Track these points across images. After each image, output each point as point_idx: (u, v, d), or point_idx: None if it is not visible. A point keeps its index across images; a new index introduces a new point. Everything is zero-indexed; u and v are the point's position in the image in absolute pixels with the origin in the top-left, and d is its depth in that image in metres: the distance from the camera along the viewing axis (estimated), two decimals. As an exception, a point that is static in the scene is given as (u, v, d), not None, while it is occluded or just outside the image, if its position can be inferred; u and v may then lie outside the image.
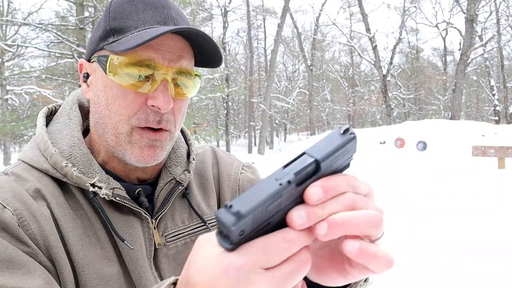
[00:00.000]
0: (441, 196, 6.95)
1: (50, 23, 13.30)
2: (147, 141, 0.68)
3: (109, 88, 0.68)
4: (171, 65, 0.67)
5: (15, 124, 12.64)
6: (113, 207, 0.70)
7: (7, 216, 0.60)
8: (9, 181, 0.66)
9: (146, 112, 0.67)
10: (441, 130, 15.41)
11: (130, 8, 0.69)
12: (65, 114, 0.76)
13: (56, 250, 0.63)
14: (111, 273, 0.66)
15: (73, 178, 0.68)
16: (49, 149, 0.69)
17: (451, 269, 3.94)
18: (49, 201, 0.66)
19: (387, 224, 1.37)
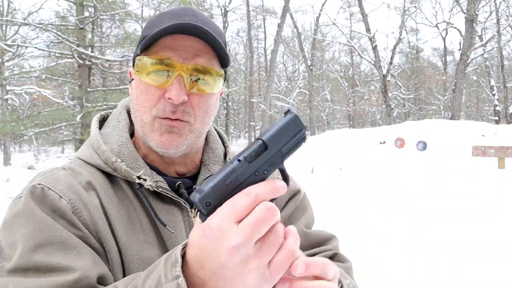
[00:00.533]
0: (441, 196, 6.95)
1: (50, 23, 13.30)
2: (166, 127, 0.77)
3: (138, 85, 0.80)
4: (186, 62, 0.76)
5: (15, 124, 12.63)
6: (156, 197, 0.80)
7: (63, 205, 0.71)
8: (65, 175, 0.77)
9: (164, 104, 0.77)
10: (441, 130, 15.41)
11: (159, 19, 0.81)
12: (114, 118, 0.89)
13: (104, 234, 0.73)
14: (151, 256, 0.75)
15: (122, 172, 0.78)
16: (101, 147, 0.81)
17: (451, 269, 3.94)
18: (99, 192, 0.77)
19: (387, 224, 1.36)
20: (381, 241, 4.86)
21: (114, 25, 15.29)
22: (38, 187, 0.73)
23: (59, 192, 0.72)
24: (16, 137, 18.10)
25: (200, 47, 0.77)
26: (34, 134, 13.74)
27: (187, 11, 0.80)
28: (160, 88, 0.77)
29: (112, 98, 12.70)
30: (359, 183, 8.98)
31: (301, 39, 30.49)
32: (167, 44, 0.76)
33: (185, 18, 0.78)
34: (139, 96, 0.79)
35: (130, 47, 13.90)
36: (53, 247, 0.66)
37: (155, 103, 0.77)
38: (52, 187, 0.73)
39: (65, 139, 16.89)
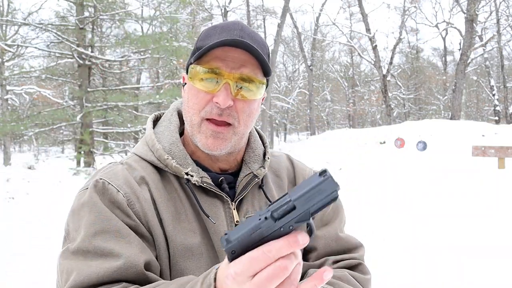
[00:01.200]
0: (441, 196, 6.95)
1: (50, 23, 13.29)
2: (211, 132, 0.87)
3: (189, 89, 0.90)
4: (233, 72, 0.85)
5: (15, 124, 12.62)
6: (201, 191, 0.91)
7: (120, 198, 0.84)
8: (122, 170, 0.90)
9: (211, 107, 0.86)
10: (441, 130, 15.41)
11: (212, 31, 0.90)
12: (166, 119, 1.00)
13: (153, 223, 0.85)
14: (193, 243, 0.86)
15: (172, 168, 0.90)
16: (155, 145, 0.92)
17: (451, 269, 3.94)
18: (150, 186, 0.88)
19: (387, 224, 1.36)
20: (381, 241, 4.86)
21: (114, 25, 15.30)
22: (100, 182, 0.86)
23: (117, 187, 0.85)
24: (16, 137, 18.09)
25: (246, 58, 0.86)
26: (34, 134, 13.73)
27: (236, 25, 0.89)
28: (209, 93, 0.86)
29: (112, 98, 12.68)
30: (359, 183, 8.98)
31: (301, 39, 30.48)
32: (218, 55, 0.86)
33: (234, 33, 0.86)
34: (190, 99, 0.89)
35: (130, 47, 13.88)
36: (109, 235, 0.79)
37: (203, 106, 0.87)
38: (111, 181, 0.86)
39: (65, 139, 16.88)
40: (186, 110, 0.92)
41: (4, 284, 4.01)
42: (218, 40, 0.84)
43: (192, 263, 0.86)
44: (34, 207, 7.92)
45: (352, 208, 6.58)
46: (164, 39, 13.27)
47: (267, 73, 0.91)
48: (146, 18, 15.21)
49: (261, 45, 0.91)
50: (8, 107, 18.66)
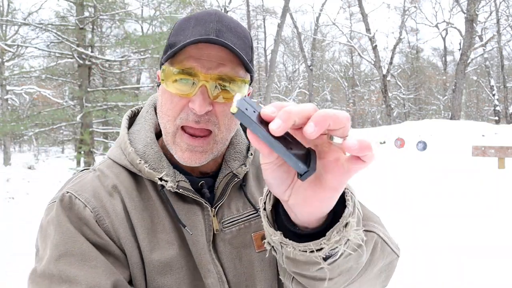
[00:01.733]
0: (441, 196, 6.95)
1: (50, 23, 13.28)
2: (186, 145, 0.79)
3: (163, 93, 0.81)
4: (209, 72, 0.76)
5: (15, 124, 12.61)
6: (179, 197, 0.83)
7: (87, 214, 0.77)
8: (93, 180, 0.82)
9: (187, 113, 0.78)
10: (441, 130, 15.40)
11: (185, 24, 0.81)
12: (142, 117, 0.91)
13: (125, 240, 0.78)
14: (172, 255, 0.80)
15: (145, 174, 0.82)
16: (128, 148, 0.84)
17: (451, 269, 3.94)
18: (123, 195, 0.81)
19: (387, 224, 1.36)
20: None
21: (114, 25, 15.30)
22: (66, 196, 0.79)
23: (84, 201, 0.78)
24: (16, 137, 18.11)
25: (224, 55, 0.77)
26: (34, 134, 13.73)
27: (212, 16, 0.79)
28: (184, 97, 0.78)
29: (112, 98, 12.66)
30: (359, 183, 8.98)
31: (301, 39, 30.48)
32: (192, 53, 0.76)
33: (210, 26, 0.77)
34: (164, 104, 0.81)
35: (130, 47, 13.88)
36: (74, 258, 0.72)
37: (178, 112, 0.79)
38: (78, 195, 0.79)
39: (65, 139, 16.88)
40: (160, 115, 0.83)
41: (4, 284, 4.01)
42: (191, 39, 0.74)
43: (171, 279, 0.79)
44: (34, 207, 7.93)
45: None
46: (164, 39, 13.25)
47: (250, 70, 0.82)
48: (146, 18, 15.20)
49: (242, 37, 0.81)
50: (8, 107, 18.66)
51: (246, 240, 0.85)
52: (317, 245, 0.57)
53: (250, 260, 0.85)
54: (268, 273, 0.86)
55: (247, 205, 0.88)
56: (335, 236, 0.57)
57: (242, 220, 0.86)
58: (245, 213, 0.87)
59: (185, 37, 0.77)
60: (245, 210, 0.87)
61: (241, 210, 0.87)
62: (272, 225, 0.62)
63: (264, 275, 0.85)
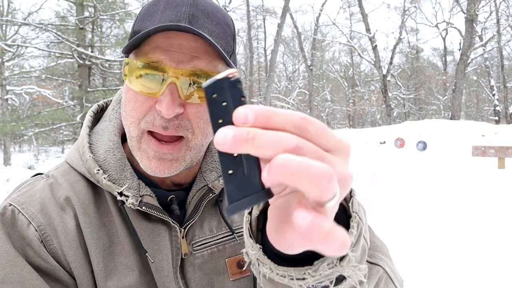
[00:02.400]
0: (441, 196, 6.94)
1: (50, 23, 13.30)
2: (154, 152, 0.66)
3: (127, 90, 0.68)
4: (180, 66, 0.63)
5: (15, 124, 12.64)
6: (142, 215, 0.70)
7: (30, 233, 0.65)
8: (43, 190, 0.70)
9: (153, 116, 0.65)
10: (441, 130, 15.41)
11: (154, 8, 0.67)
12: (108, 116, 0.78)
13: (75, 264, 0.66)
14: (130, 283, 0.68)
15: (103, 185, 0.69)
16: (86, 154, 0.71)
17: (450, 269, 3.94)
18: (77, 211, 0.68)
19: (387, 224, 1.36)
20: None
21: (114, 25, 15.30)
22: (9, 209, 0.67)
23: (29, 217, 0.66)
24: (16, 137, 18.11)
25: (199, 46, 0.64)
26: (34, 134, 13.74)
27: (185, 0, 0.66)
28: (150, 96, 0.64)
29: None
30: (359, 183, 8.98)
31: (301, 39, 30.49)
32: (159, 43, 0.63)
33: (182, 10, 0.64)
34: (127, 103, 0.67)
35: (130, 47, 13.92)
36: (11, 286, 0.62)
37: (143, 114, 0.65)
38: (23, 209, 0.67)
39: (65, 139, 16.88)
40: (123, 116, 0.69)
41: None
42: (158, 25, 0.61)
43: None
44: None
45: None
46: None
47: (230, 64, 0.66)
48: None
49: (222, 24, 0.68)
50: (8, 107, 18.66)
51: (219, 266, 0.73)
52: (299, 274, 0.43)
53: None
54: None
55: (222, 225, 0.74)
56: (324, 269, 0.43)
57: (215, 243, 0.73)
58: (219, 235, 0.74)
59: (152, 23, 0.65)
60: (219, 231, 0.74)
61: (215, 231, 0.74)
62: (253, 235, 0.47)
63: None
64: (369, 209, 3.33)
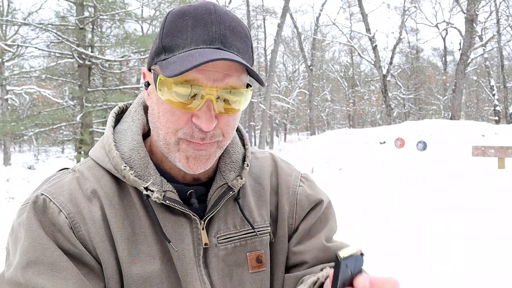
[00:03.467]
0: (441, 196, 6.94)
1: (50, 23, 13.29)
2: (193, 151, 0.73)
3: (161, 103, 0.73)
4: (215, 85, 0.69)
5: (15, 124, 12.62)
6: (165, 208, 0.76)
7: (61, 220, 0.71)
8: (71, 182, 0.76)
9: (191, 128, 0.72)
10: (441, 130, 15.40)
11: (182, 23, 0.71)
12: (130, 116, 0.83)
13: (101, 250, 0.72)
14: (152, 270, 0.74)
15: (130, 181, 0.75)
16: (112, 151, 0.77)
17: (450, 269, 3.94)
18: (103, 201, 0.74)
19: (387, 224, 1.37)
20: (381, 241, 4.86)
21: (114, 25, 15.29)
22: (40, 198, 0.73)
23: (59, 205, 0.72)
24: (16, 137, 18.10)
25: (229, 64, 0.70)
26: (34, 134, 13.73)
27: (212, 16, 0.71)
28: (187, 111, 0.71)
29: (112, 98, 12.68)
30: (359, 183, 8.98)
31: (301, 39, 30.48)
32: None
33: (213, 29, 0.70)
34: (162, 115, 0.73)
35: (130, 47, 13.88)
36: (43, 267, 0.67)
37: (181, 127, 0.72)
38: (53, 198, 0.72)
39: (65, 139, 16.88)
40: (156, 125, 0.75)
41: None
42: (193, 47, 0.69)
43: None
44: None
45: (352, 208, 6.58)
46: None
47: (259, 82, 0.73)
48: (146, 18, 15.22)
49: (244, 38, 0.74)
50: (8, 107, 18.66)
51: (240, 259, 0.81)
52: None
53: (241, 280, 0.81)
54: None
55: (245, 222, 0.83)
56: None
57: (238, 238, 0.82)
58: (242, 231, 0.83)
59: (184, 41, 0.70)
60: (243, 227, 0.83)
61: (238, 227, 0.83)
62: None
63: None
64: (369, 209, 3.37)
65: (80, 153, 12.97)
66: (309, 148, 17.43)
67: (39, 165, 18.57)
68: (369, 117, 43.38)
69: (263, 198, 0.88)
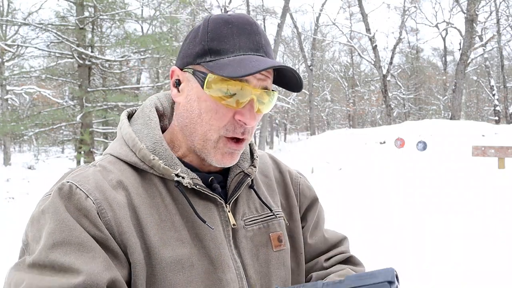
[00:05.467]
0: (441, 196, 6.94)
1: (50, 23, 13.29)
2: (229, 149, 0.81)
3: (203, 100, 0.79)
4: (259, 84, 0.78)
5: (15, 124, 12.61)
6: (193, 194, 0.82)
7: (88, 204, 0.72)
8: (94, 173, 0.78)
9: (234, 125, 0.79)
10: (441, 130, 15.40)
11: (227, 31, 0.79)
12: (145, 116, 0.88)
13: (128, 235, 0.73)
14: (182, 253, 0.77)
15: (160, 170, 0.80)
16: (137, 145, 0.81)
17: (450, 269, 3.94)
18: (129, 191, 0.78)
19: (387, 224, 1.37)
20: (381, 241, 4.87)
21: (114, 25, 15.29)
22: (66, 185, 0.74)
23: (86, 191, 0.73)
24: (16, 137, 18.09)
25: None
26: (34, 134, 13.73)
27: (253, 27, 0.80)
28: (231, 108, 0.78)
29: (112, 98, 12.67)
30: (359, 183, 8.98)
31: (301, 39, 30.49)
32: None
33: (256, 39, 0.79)
34: (205, 112, 0.79)
35: (130, 47, 13.88)
36: (70, 247, 0.68)
37: (224, 124, 0.79)
38: (80, 185, 0.74)
39: (65, 139, 16.88)
40: (196, 122, 0.80)
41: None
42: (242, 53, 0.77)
43: (183, 277, 0.76)
44: (34, 207, 7.93)
45: (352, 208, 6.58)
46: (164, 39, 13.27)
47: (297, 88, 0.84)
48: (146, 18, 15.24)
49: (271, 46, 0.84)
50: (8, 107, 18.66)
51: (264, 239, 0.89)
52: None
53: (267, 259, 0.88)
54: (282, 271, 0.90)
55: (263, 207, 0.91)
56: None
57: (261, 220, 0.90)
58: (263, 214, 0.91)
59: (232, 47, 0.78)
60: (263, 211, 0.91)
61: (260, 211, 0.91)
62: None
63: (279, 274, 0.89)
64: (369, 209, 3.37)
65: (80, 153, 12.97)
66: (309, 148, 17.43)
67: (39, 165, 18.56)
68: (369, 117, 43.38)
69: (271, 188, 0.97)
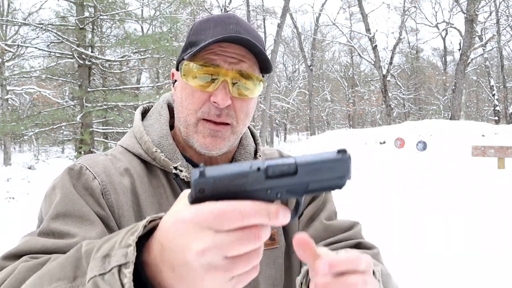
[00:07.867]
0: (441, 196, 6.94)
1: (50, 23, 13.28)
2: (209, 131, 0.84)
3: (184, 88, 0.86)
4: (231, 67, 0.81)
5: (15, 124, 12.60)
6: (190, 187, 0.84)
7: (94, 185, 0.79)
8: (104, 160, 0.85)
9: (209, 107, 0.83)
10: (441, 130, 15.40)
11: (205, 25, 0.86)
12: (156, 112, 0.95)
13: (127, 218, 0.79)
14: None
15: (160, 162, 0.86)
16: (144, 137, 0.88)
17: (450, 269, 3.94)
18: (135, 178, 0.84)
19: (387, 224, 1.37)
20: (381, 241, 4.86)
21: (114, 25, 15.29)
22: (77, 165, 0.82)
23: (94, 173, 0.80)
24: (16, 137, 18.09)
25: (244, 53, 0.82)
26: (34, 134, 13.72)
27: (231, 19, 0.85)
28: (205, 92, 0.82)
29: (112, 98, 12.66)
30: (359, 183, 8.98)
31: (301, 39, 30.48)
32: (214, 50, 0.81)
33: (230, 27, 0.83)
34: (185, 99, 0.85)
35: (130, 47, 13.87)
36: (71, 219, 0.73)
37: (200, 106, 0.83)
38: (90, 167, 0.81)
39: (65, 139, 16.86)
40: (179, 110, 0.87)
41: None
42: (216, 37, 0.79)
43: None
44: (34, 207, 7.92)
45: (352, 208, 6.58)
46: (164, 39, 13.26)
47: (266, 70, 0.87)
48: (146, 18, 15.21)
49: (257, 39, 0.86)
50: (8, 107, 18.65)
51: None
52: None
53: None
54: (272, 270, 0.90)
55: None
56: None
57: None
58: None
59: (206, 36, 0.83)
60: None
61: None
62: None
63: (269, 272, 0.90)
64: (369, 209, 3.37)
65: (80, 153, 12.97)
66: (309, 148, 17.42)
67: (39, 165, 18.54)
68: (369, 117, 43.37)
69: None
